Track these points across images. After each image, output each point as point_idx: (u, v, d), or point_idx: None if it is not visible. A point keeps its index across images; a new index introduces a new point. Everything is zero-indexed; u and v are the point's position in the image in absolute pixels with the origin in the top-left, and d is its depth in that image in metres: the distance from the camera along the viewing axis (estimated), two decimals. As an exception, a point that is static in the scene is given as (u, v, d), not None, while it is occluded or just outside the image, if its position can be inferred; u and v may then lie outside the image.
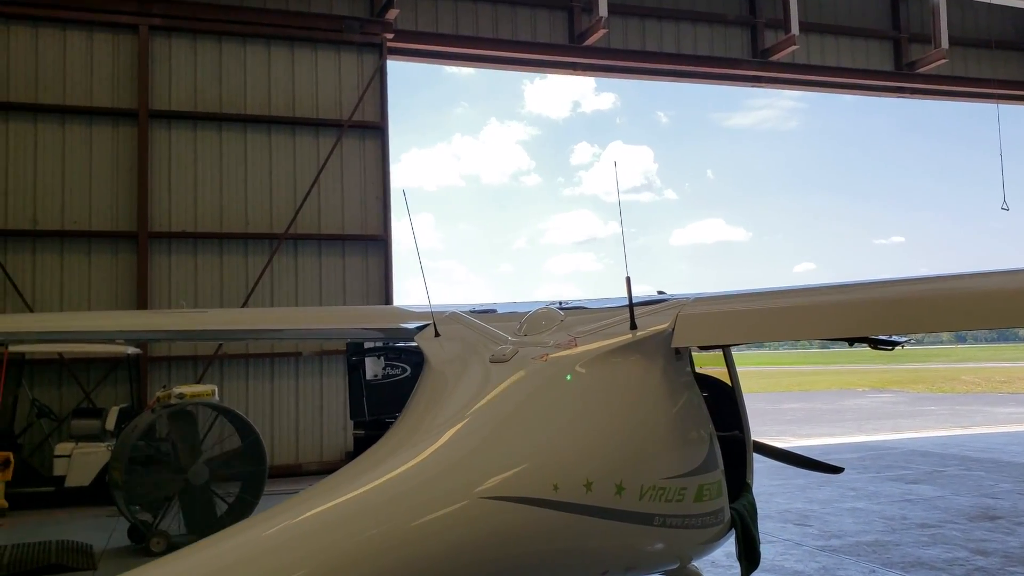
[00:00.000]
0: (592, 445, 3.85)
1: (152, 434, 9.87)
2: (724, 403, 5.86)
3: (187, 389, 10.47)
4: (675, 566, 4.79)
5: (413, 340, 4.86)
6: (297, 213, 16.64)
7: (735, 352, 5.98)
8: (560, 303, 5.12)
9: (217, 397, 11.20)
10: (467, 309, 5.14)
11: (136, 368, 15.24)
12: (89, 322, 7.13)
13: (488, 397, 3.92)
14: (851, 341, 4.62)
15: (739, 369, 6.23)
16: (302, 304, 16.56)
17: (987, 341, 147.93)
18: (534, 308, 4.79)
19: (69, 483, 12.90)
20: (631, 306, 4.39)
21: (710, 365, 6.14)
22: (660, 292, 6.72)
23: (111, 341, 13.26)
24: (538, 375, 4.07)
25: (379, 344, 7.34)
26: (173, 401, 10.23)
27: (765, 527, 10.32)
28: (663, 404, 4.28)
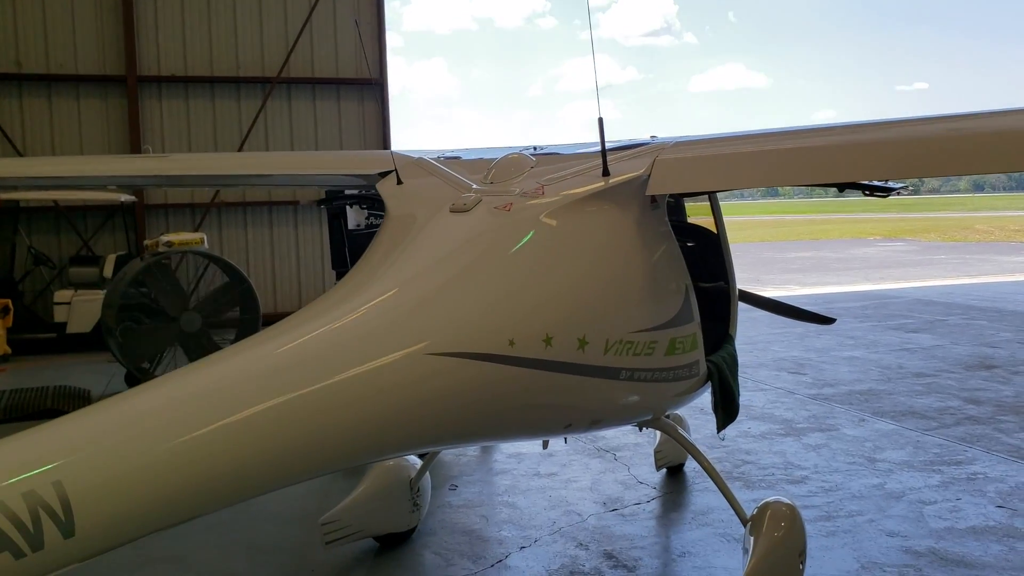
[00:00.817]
0: (553, 299, 3.64)
1: (141, 282, 9.76)
2: (709, 253, 5.62)
3: (175, 237, 10.31)
4: (647, 418, 4.69)
5: (375, 188, 4.59)
6: (289, 54, 16.01)
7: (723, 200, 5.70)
8: (535, 148, 4.81)
9: (207, 245, 11.06)
10: (435, 156, 4.83)
11: (132, 215, 15.07)
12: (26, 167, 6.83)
13: (443, 249, 3.68)
14: (840, 187, 4.33)
15: (750, 219, 5.87)
16: (297, 149, 16.18)
17: (1005, 190, 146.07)
18: (503, 154, 4.49)
19: (70, 330, 12.98)
20: (603, 151, 4.08)
21: (698, 214, 5.88)
22: (653, 137, 6.38)
23: (103, 188, 12.97)
24: (500, 225, 3.81)
25: (359, 192, 7.04)
26: (161, 249, 10.09)
27: (759, 375, 10.34)
28: (634, 255, 4.04)
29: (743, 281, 6.06)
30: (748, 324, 14.61)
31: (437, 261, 3.60)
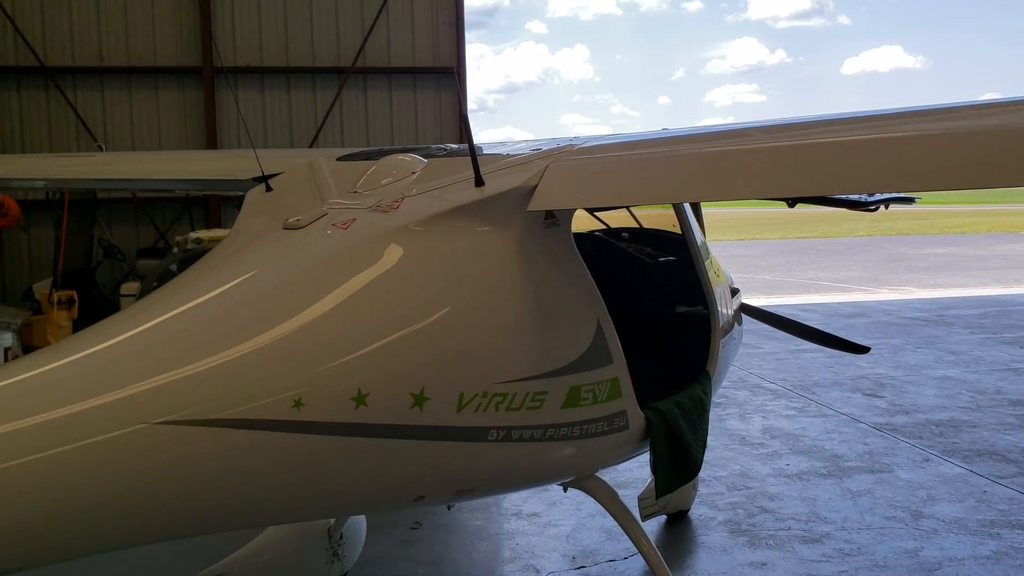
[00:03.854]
0: (372, 345, 2.88)
1: (167, 279, 9.51)
2: (679, 273, 4.71)
3: (205, 234, 10.05)
4: (562, 480, 3.86)
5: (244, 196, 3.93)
6: (364, 43, 15.63)
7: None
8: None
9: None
10: (439, 148, 3.99)
11: (203, 207, 15.09)
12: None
13: (241, 278, 2.98)
14: (789, 202, 3.37)
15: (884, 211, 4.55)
16: (373, 141, 15.83)
17: None
18: (510, 146, 3.66)
19: (135, 321, 13.01)
20: (474, 159, 3.27)
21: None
22: (575, 137, 5.44)
23: None
24: (326, 248, 3.08)
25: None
26: (190, 246, 9.84)
27: (828, 397, 9.20)
28: (508, 286, 3.22)
29: (856, 281, 5.05)
30: (841, 333, 13.30)
31: (220, 295, 2.89)
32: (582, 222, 5.38)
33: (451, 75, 15.95)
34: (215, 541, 4.80)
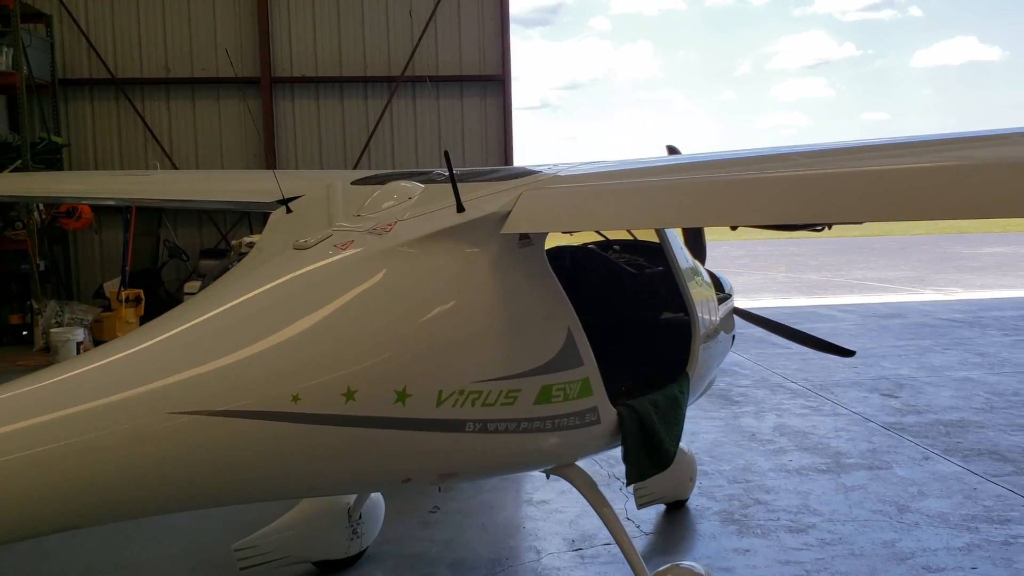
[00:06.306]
0: (359, 349, 3.43)
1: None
2: (659, 282, 5.18)
3: (256, 238, 10.73)
4: (544, 468, 4.38)
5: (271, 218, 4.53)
6: (414, 52, 16.29)
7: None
8: (506, 169, 4.46)
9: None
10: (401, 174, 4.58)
11: (262, 212, 15.86)
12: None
13: (250, 291, 3.55)
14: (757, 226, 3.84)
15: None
16: (422, 147, 16.50)
17: None
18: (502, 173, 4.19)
19: (197, 319, 13.85)
20: (454, 186, 3.81)
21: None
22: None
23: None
24: (326, 266, 3.65)
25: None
26: (244, 249, 10.56)
27: (845, 397, 9.53)
28: (484, 299, 3.75)
29: (902, 281, 5.53)
30: (869, 335, 13.51)
31: (235, 306, 3.48)
32: (583, 235, 5.89)
33: (496, 82, 16.52)
34: (245, 517, 5.44)
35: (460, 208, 3.81)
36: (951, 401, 9.27)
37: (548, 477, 4.61)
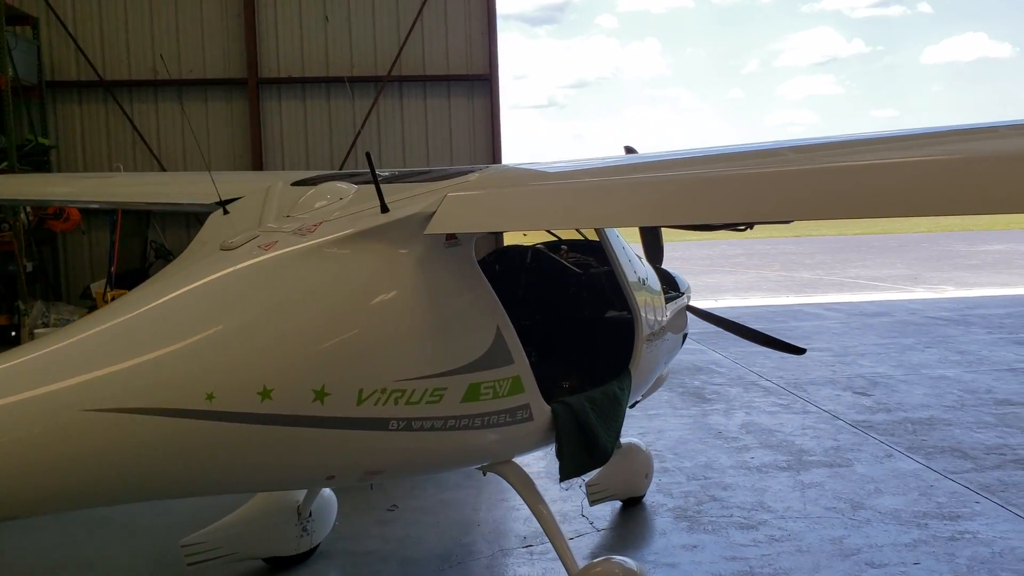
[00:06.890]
0: (277, 348, 3.48)
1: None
2: (601, 281, 5.23)
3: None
4: (478, 465, 4.43)
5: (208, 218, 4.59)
6: (400, 52, 16.34)
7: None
8: (435, 171, 4.49)
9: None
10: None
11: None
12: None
13: (176, 292, 3.60)
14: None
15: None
16: (409, 148, 16.55)
17: None
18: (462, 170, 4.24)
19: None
20: (378, 188, 3.86)
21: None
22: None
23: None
24: (247, 266, 3.70)
25: None
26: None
27: (818, 395, 9.57)
28: (407, 299, 3.79)
29: (894, 279, 5.58)
30: (852, 333, 13.52)
31: (156, 306, 3.52)
32: (536, 235, 5.94)
33: (484, 82, 16.55)
34: (193, 514, 5.50)
35: (384, 209, 3.86)
36: (923, 399, 9.30)
37: (484, 474, 4.66)
